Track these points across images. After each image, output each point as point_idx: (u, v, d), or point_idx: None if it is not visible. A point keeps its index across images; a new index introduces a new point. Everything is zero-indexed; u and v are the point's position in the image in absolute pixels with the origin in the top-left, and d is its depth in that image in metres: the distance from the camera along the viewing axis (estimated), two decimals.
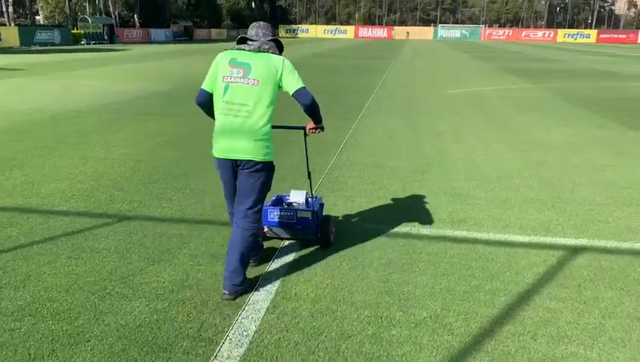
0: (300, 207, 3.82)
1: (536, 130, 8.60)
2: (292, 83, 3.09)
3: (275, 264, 3.58)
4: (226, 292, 3.11)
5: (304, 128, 3.51)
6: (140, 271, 3.44)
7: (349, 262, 3.63)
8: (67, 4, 50.61)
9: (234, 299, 3.10)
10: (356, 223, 4.38)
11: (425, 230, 4.26)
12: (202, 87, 3.18)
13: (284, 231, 3.84)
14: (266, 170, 3.14)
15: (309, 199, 3.92)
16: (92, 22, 46.22)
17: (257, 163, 3.08)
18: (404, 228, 4.29)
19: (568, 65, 25.05)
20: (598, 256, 3.80)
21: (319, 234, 3.82)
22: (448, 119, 9.60)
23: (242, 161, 3.08)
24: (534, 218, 4.58)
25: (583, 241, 4.08)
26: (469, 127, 8.88)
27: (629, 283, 3.39)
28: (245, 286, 3.17)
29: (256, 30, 3.21)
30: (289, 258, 3.67)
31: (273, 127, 3.19)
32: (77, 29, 45.49)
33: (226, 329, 2.80)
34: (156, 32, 53.82)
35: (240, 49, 3.14)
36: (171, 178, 5.62)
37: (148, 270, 3.47)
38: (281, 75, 3.07)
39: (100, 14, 53.35)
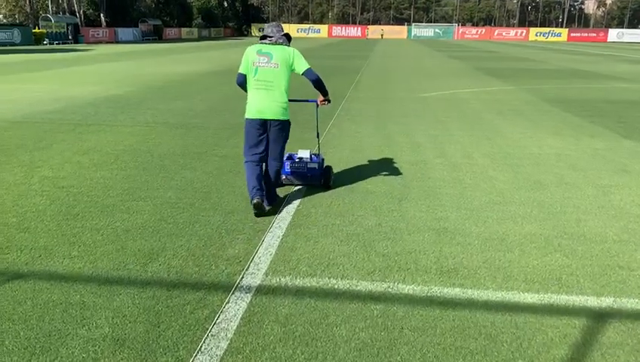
0: (309, 161, 5.23)
1: (523, 140, 7.76)
2: (301, 65, 4.47)
3: (205, 355, 2.58)
4: (267, 204, 4.57)
5: (316, 101, 5.00)
6: None
7: (305, 348, 2.65)
8: (28, 2, 48.50)
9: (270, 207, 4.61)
10: (318, 279, 3.40)
11: (407, 288, 3.30)
12: (240, 71, 4.49)
13: (296, 178, 5.24)
14: (286, 125, 4.58)
15: (313, 156, 5.32)
16: (55, 21, 44.26)
17: (281, 121, 4.48)
18: (380, 285, 3.33)
19: (546, 65, 24.51)
20: (633, 326, 2.90)
21: (322, 180, 5.20)
22: (426, 127, 8.69)
23: (271, 120, 4.44)
24: (540, 264, 3.67)
25: (607, 301, 3.18)
26: (450, 136, 7.99)
27: None
28: (276, 199, 4.79)
29: (271, 29, 4.53)
30: (223, 344, 2.67)
31: (292, 100, 4.66)
32: (39, 29, 43.50)
33: None
34: (124, 32, 51.92)
35: (263, 43, 4.47)
36: (95, 211, 4.57)
37: None
38: (293, 60, 4.44)
39: (64, 13, 51.22)
